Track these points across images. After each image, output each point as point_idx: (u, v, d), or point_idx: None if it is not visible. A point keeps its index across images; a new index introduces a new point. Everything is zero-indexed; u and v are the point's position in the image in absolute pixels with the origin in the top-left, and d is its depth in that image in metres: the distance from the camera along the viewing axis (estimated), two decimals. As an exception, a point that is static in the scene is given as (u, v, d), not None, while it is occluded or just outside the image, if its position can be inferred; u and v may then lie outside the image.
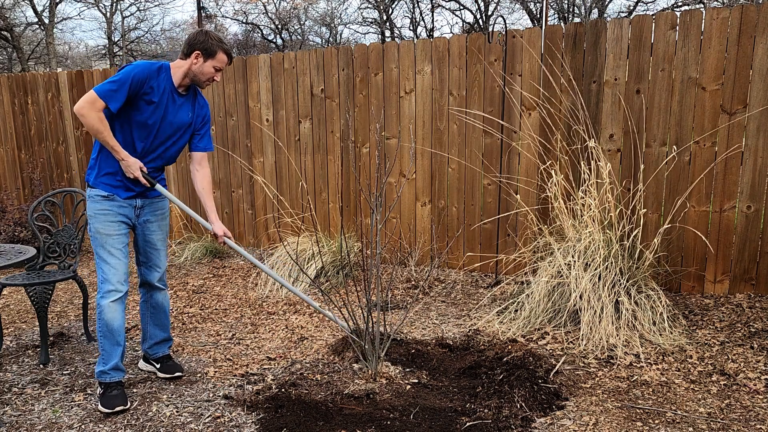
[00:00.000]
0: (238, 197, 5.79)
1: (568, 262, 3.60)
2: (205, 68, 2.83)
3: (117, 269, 2.81)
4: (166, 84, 2.81)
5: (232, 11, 36.00)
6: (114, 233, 2.82)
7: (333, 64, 5.09)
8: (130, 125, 2.79)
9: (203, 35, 2.83)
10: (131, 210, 2.89)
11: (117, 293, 2.81)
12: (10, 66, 22.87)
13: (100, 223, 2.81)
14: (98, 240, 2.81)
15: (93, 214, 2.82)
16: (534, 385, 2.79)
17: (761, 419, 2.54)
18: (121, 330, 2.83)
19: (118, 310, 2.82)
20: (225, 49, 2.85)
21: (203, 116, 3.02)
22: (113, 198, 2.82)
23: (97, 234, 2.81)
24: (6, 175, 6.97)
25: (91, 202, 2.83)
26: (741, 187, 3.83)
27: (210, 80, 2.88)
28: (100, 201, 2.82)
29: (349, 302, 3.20)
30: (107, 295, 2.80)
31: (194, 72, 2.83)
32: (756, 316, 3.57)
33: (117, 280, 2.81)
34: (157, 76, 2.78)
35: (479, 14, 24.50)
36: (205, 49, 2.80)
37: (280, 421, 2.56)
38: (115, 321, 2.81)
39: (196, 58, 2.81)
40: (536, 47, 4.28)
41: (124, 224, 2.87)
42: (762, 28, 3.65)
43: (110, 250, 2.81)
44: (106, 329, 2.81)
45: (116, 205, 2.83)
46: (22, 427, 2.67)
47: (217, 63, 2.84)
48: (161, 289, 3.13)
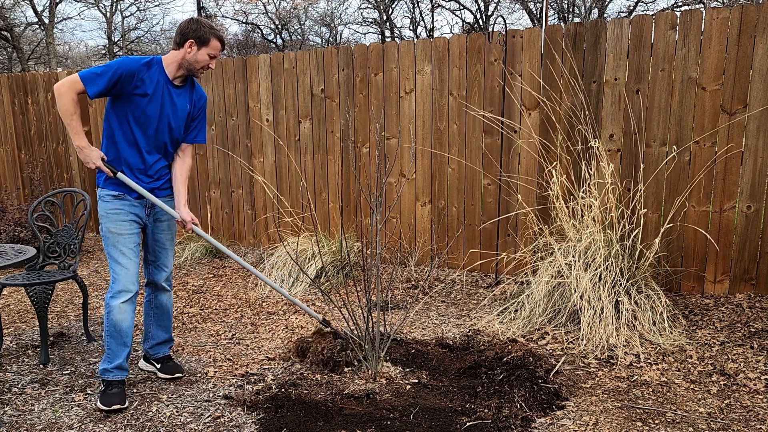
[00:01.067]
0: (238, 197, 5.79)
1: (568, 262, 3.60)
2: (200, 56, 2.80)
3: (128, 269, 2.81)
4: (160, 77, 2.79)
5: (232, 11, 36.00)
6: (125, 233, 2.82)
7: (333, 64, 5.09)
8: (129, 122, 2.78)
9: (195, 23, 2.81)
10: (142, 209, 2.89)
11: (127, 293, 2.80)
12: (10, 66, 22.87)
13: (112, 222, 2.80)
14: (110, 240, 2.81)
15: (104, 213, 2.81)
16: (534, 385, 2.79)
17: (761, 419, 2.54)
18: (129, 331, 2.83)
19: (128, 311, 2.81)
20: (218, 36, 2.84)
21: (200, 107, 3.00)
22: (124, 197, 2.82)
23: (108, 233, 2.81)
24: (6, 175, 6.97)
25: (102, 201, 2.82)
26: (741, 187, 3.83)
27: (205, 68, 2.86)
28: (111, 200, 2.81)
29: (349, 302, 3.20)
30: (117, 296, 2.78)
31: (189, 61, 2.81)
32: (756, 316, 3.57)
33: (128, 281, 2.80)
34: (147, 69, 2.76)
35: (479, 14, 24.50)
36: (198, 37, 2.77)
37: (280, 421, 2.56)
38: (123, 322, 2.80)
39: (190, 47, 2.78)
40: (536, 47, 4.28)
41: (135, 223, 2.87)
42: (762, 28, 3.65)
43: (122, 250, 2.80)
44: (114, 330, 2.80)
45: (127, 204, 2.83)
46: (22, 427, 2.67)
47: (211, 50, 2.82)
48: (166, 290, 3.12)
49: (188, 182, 3.11)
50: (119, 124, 2.79)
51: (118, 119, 2.79)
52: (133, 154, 2.84)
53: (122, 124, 2.79)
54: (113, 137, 2.82)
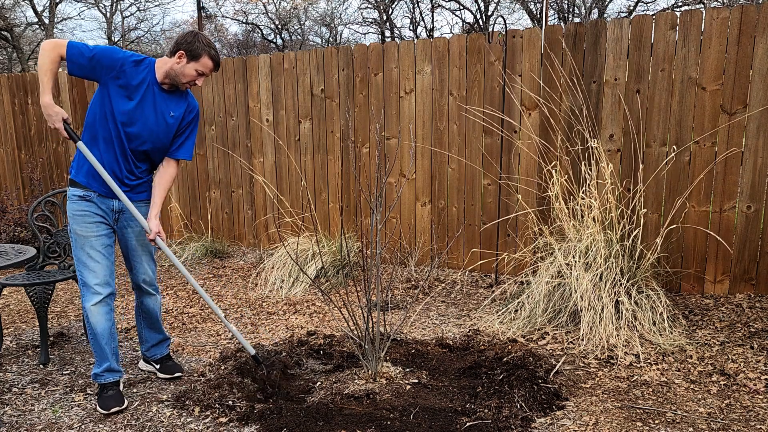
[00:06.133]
0: (238, 197, 5.79)
1: (568, 262, 3.60)
2: (187, 70, 2.73)
3: (96, 272, 2.73)
4: (148, 76, 2.74)
5: (232, 11, 35.98)
6: (92, 235, 2.74)
7: (333, 64, 5.09)
8: (107, 116, 2.70)
9: (191, 36, 2.75)
10: (109, 213, 2.80)
11: (98, 296, 2.73)
12: (10, 66, 22.86)
13: (78, 224, 2.73)
14: (77, 242, 2.74)
15: (71, 214, 2.75)
16: (534, 385, 2.79)
17: (761, 419, 2.54)
18: (105, 333, 2.77)
19: (101, 313, 2.75)
20: (211, 55, 2.74)
21: (189, 120, 2.89)
22: (90, 198, 2.74)
23: (75, 235, 2.74)
24: (6, 175, 6.98)
25: (69, 202, 2.76)
26: (741, 187, 3.83)
27: (190, 83, 2.78)
28: (77, 201, 2.74)
29: (349, 302, 3.20)
30: (89, 298, 2.73)
31: (175, 71, 2.74)
32: (756, 316, 3.57)
33: (96, 283, 2.73)
34: (135, 66, 2.72)
35: (479, 14, 24.49)
36: (189, 51, 2.71)
37: (280, 421, 2.56)
38: (98, 325, 2.75)
39: (180, 58, 2.72)
40: (536, 47, 4.28)
41: (103, 224, 2.78)
42: (762, 28, 3.65)
43: (89, 252, 2.73)
44: (92, 333, 2.77)
45: (93, 206, 2.75)
46: (22, 427, 2.67)
47: (201, 67, 2.74)
48: (151, 294, 3.05)
49: (188, 182, 3.09)
50: (101, 116, 2.72)
51: (101, 112, 2.72)
52: (110, 152, 2.75)
53: (102, 119, 2.72)
54: (94, 132, 2.74)
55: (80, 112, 6.24)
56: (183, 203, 6.09)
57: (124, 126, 2.73)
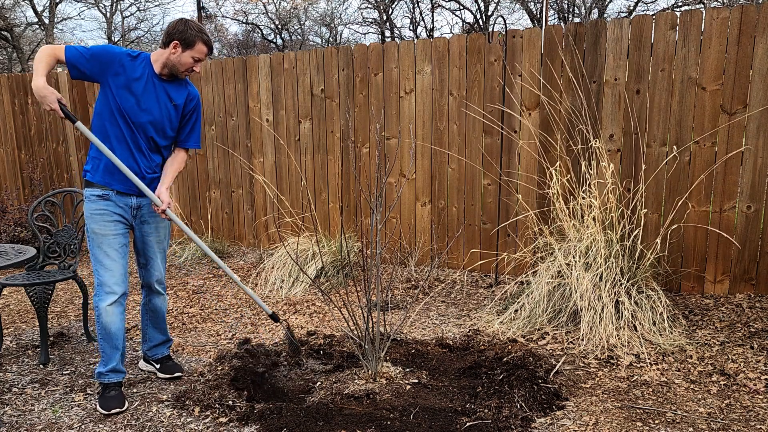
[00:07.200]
0: (238, 197, 5.79)
1: (568, 262, 3.60)
2: (183, 58, 2.76)
3: (113, 270, 2.76)
4: (146, 69, 2.77)
5: (232, 11, 35.97)
6: (110, 233, 2.77)
7: (333, 64, 5.09)
8: (114, 112, 2.73)
9: (182, 24, 2.76)
10: (128, 210, 2.85)
11: (113, 295, 2.76)
12: (10, 66, 22.86)
13: (96, 223, 2.76)
14: (94, 240, 2.76)
15: (89, 214, 2.78)
16: (534, 385, 2.79)
17: (761, 419, 2.54)
18: (119, 333, 2.80)
19: (115, 313, 2.77)
20: (204, 40, 2.78)
21: (192, 107, 2.94)
22: (108, 197, 2.78)
23: (92, 234, 2.77)
24: (6, 175, 6.97)
25: (87, 202, 2.79)
26: (741, 187, 3.83)
27: (188, 71, 2.82)
28: (96, 201, 2.77)
29: (349, 302, 3.20)
30: (104, 298, 2.75)
31: (172, 62, 2.76)
32: (756, 316, 3.57)
33: (113, 282, 2.76)
34: (132, 60, 2.75)
35: (479, 14, 24.48)
36: (183, 39, 2.73)
37: (280, 421, 2.56)
38: (112, 324, 2.77)
39: (175, 48, 2.74)
40: (536, 47, 4.27)
41: (120, 224, 2.82)
42: (762, 28, 3.65)
43: (106, 251, 2.76)
44: (104, 332, 2.78)
45: (112, 204, 2.79)
46: (22, 427, 2.67)
47: (196, 53, 2.77)
48: (160, 293, 3.09)
49: (188, 182, 3.10)
50: (108, 115, 2.74)
51: (108, 111, 2.74)
52: (124, 150, 2.77)
53: (111, 118, 2.74)
54: (105, 133, 2.76)
55: (80, 112, 6.24)
56: (183, 203, 6.10)
57: (132, 119, 2.76)
